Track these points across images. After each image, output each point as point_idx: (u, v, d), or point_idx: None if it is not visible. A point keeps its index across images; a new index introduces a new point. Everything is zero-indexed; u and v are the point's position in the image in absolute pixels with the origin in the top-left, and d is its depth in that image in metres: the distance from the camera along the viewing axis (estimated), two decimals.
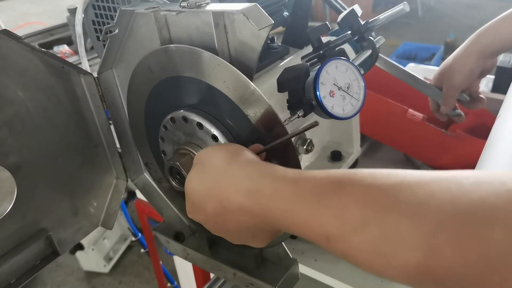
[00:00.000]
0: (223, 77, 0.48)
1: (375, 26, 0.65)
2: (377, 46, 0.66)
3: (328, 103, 0.52)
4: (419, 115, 0.94)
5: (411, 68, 1.48)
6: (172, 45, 0.52)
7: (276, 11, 0.68)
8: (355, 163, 0.86)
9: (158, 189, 0.72)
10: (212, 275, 0.74)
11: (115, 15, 0.57)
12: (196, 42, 0.52)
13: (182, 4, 0.50)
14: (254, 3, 0.48)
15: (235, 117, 0.49)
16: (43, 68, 0.60)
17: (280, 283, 0.59)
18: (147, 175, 0.74)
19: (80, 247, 2.08)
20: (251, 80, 0.47)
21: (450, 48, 3.74)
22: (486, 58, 0.80)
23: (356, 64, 0.55)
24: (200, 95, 0.52)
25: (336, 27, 0.71)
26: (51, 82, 0.61)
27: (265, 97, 0.46)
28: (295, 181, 0.37)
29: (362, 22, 0.64)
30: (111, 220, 0.72)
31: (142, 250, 1.71)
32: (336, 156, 0.82)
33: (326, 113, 0.52)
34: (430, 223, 0.28)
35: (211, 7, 0.50)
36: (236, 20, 0.48)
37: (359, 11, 0.63)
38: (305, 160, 0.80)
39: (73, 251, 2.10)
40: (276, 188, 0.38)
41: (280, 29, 0.75)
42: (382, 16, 0.67)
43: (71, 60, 0.90)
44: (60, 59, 0.61)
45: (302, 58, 0.60)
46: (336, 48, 0.60)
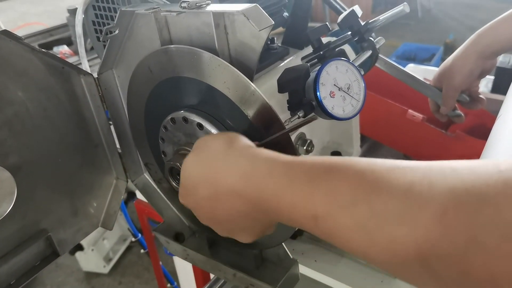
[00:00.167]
0: (223, 77, 0.48)
1: (375, 27, 0.65)
2: (377, 46, 0.66)
3: (328, 103, 0.52)
4: (419, 116, 0.94)
5: (411, 68, 1.48)
6: (172, 45, 0.52)
7: (276, 12, 0.68)
8: None
9: (158, 189, 0.72)
10: (212, 276, 0.74)
11: (115, 16, 0.57)
12: (196, 42, 0.52)
13: (182, 5, 0.50)
14: (254, 4, 0.48)
15: (236, 117, 0.49)
16: (43, 69, 0.60)
17: (280, 283, 0.59)
18: (147, 176, 0.74)
19: (79, 247, 2.08)
20: (252, 81, 0.47)
21: (449, 48, 3.75)
22: (485, 59, 0.81)
23: (356, 64, 0.55)
24: (200, 96, 0.52)
25: (336, 28, 0.71)
26: (51, 83, 0.61)
27: (265, 97, 0.46)
28: (289, 163, 0.38)
29: (362, 23, 0.64)
30: (111, 220, 0.72)
31: (142, 251, 1.71)
32: None
33: (326, 113, 0.52)
34: (419, 200, 0.28)
35: (211, 8, 0.50)
36: (236, 21, 0.48)
37: (359, 12, 0.63)
38: None
39: (72, 252, 2.10)
40: (269, 169, 0.38)
41: (280, 29, 0.75)
42: (382, 17, 0.67)
43: (71, 60, 0.90)
44: (60, 60, 0.61)
45: (302, 58, 0.61)
46: (336, 49, 0.60)
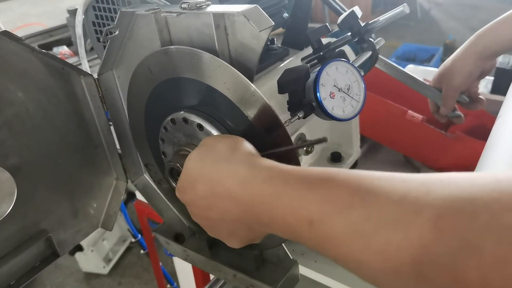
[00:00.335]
0: (223, 78, 0.48)
1: (375, 28, 0.66)
2: (377, 47, 0.66)
3: (328, 104, 0.52)
4: (419, 117, 0.94)
5: (411, 69, 1.48)
6: (172, 46, 0.52)
7: (276, 13, 0.68)
8: (355, 164, 0.87)
9: (158, 190, 0.72)
10: (212, 276, 0.74)
11: (116, 17, 0.57)
12: (197, 43, 0.52)
13: (182, 6, 0.50)
14: (254, 5, 0.48)
15: (236, 118, 0.49)
16: (43, 69, 0.60)
17: (280, 284, 0.59)
18: (147, 176, 0.74)
19: (79, 248, 2.08)
20: (252, 82, 0.47)
21: (449, 49, 3.76)
22: (485, 60, 0.81)
23: (356, 65, 0.56)
24: (200, 97, 0.52)
25: (336, 29, 0.71)
26: (51, 83, 0.61)
27: (265, 98, 0.46)
28: (289, 171, 0.38)
29: (362, 24, 0.64)
30: (111, 221, 0.72)
31: (142, 251, 1.71)
32: (336, 157, 0.82)
33: (326, 114, 0.52)
34: (415, 205, 0.28)
35: (211, 9, 0.50)
36: (236, 22, 0.48)
37: (359, 13, 0.63)
38: (305, 162, 0.80)
39: (72, 252, 2.10)
40: (268, 176, 0.38)
41: (280, 30, 0.75)
42: (382, 17, 0.67)
43: (70, 61, 0.91)
44: (60, 60, 0.61)
45: (302, 59, 0.61)
46: (336, 50, 0.60)
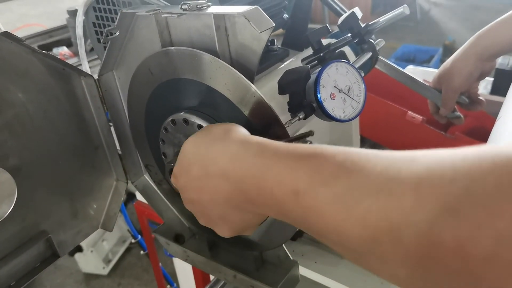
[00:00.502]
0: (224, 79, 0.48)
1: (375, 29, 0.66)
2: (377, 48, 0.66)
3: (328, 105, 0.52)
4: (419, 117, 0.95)
5: (410, 70, 1.48)
6: (173, 47, 0.52)
7: (276, 14, 0.69)
8: None
9: (158, 191, 0.72)
10: (212, 277, 0.74)
11: (116, 18, 0.57)
12: (197, 44, 0.52)
13: (183, 7, 0.50)
14: (255, 6, 0.48)
15: (236, 119, 0.49)
16: (44, 70, 0.60)
17: (280, 285, 0.59)
18: (147, 177, 0.74)
19: (79, 249, 2.08)
20: (252, 82, 0.47)
21: (448, 50, 3.76)
22: (485, 60, 0.81)
23: (356, 66, 0.56)
24: (201, 97, 0.52)
25: (335, 29, 0.71)
26: (51, 84, 0.61)
27: (266, 99, 0.46)
28: (279, 146, 0.38)
29: (363, 25, 0.65)
30: (111, 222, 0.72)
31: (142, 252, 1.71)
32: None
33: (326, 115, 0.52)
34: (398, 174, 0.28)
35: (212, 10, 0.50)
36: (237, 23, 0.48)
37: (359, 14, 0.63)
38: None
39: (72, 253, 2.09)
40: (259, 151, 0.39)
41: (280, 31, 0.75)
42: (383, 18, 0.67)
43: (70, 62, 0.91)
44: (60, 61, 0.61)
45: (302, 60, 0.61)
46: (337, 51, 0.60)
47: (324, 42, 0.60)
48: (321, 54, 0.58)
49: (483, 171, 0.25)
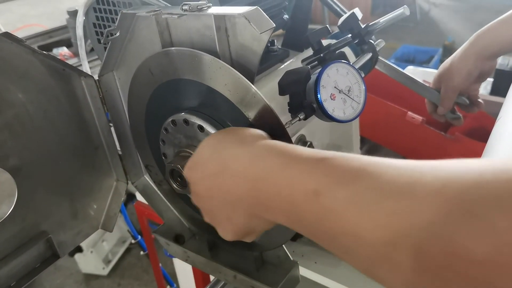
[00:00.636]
0: (224, 80, 0.48)
1: (375, 30, 0.66)
2: (377, 49, 0.67)
3: (329, 106, 0.52)
4: (418, 118, 0.95)
5: (410, 70, 1.48)
6: (173, 48, 0.52)
7: (276, 14, 0.69)
8: None
9: (159, 191, 0.72)
10: (212, 278, 0.74)
11: (116, 18, 0.58)
12: (197, 45, 0.52)
13: (183, 8, 0.50)
14: (255, 7, 0.48)
15: (236, 119, 0.49)
16: (44, 71, 0.60)
17: (280, 285, 0.59)
18: (147, 178, 0.74)
19: (79, 249, 2.08)
20: (252, 83, 0.47)
21: (448, 50, 3.76)
22: (484, 60, 0.81)
23: (356, 67, 0.56)
24: (201, 98, 0.52)
25: (335, 30, 0.71)
26: (51, 85, 0.61)
27: (266, 99, 0.46)
28: (302, 149, 0.39)
29: (363, 26, 0.65)
30: (111, 222, 0.72)
31: (142, 253, 1.71)
32: None
33: (327, 116, 0.52)
34: (421, 178, 0.28)
35: (212, 11, 0.50)
36: (237, 23, 0.48)
37: (359, 15, 0.64)
38: None
39: (72, 254, 2.09)
40: (282, 152, 0.39)
41: (280, 31, 0.75)
42: (383, 19, 0.67)
43: (70, 62, 0.91)
44: (61, 62, 0.61)
45: (303, 61, 0.61)
46: (337, 51, 0.60)
47: (324, 42, 0.60)
48: (321, 55, 0.59)
49: (510, 177, 0.24)
